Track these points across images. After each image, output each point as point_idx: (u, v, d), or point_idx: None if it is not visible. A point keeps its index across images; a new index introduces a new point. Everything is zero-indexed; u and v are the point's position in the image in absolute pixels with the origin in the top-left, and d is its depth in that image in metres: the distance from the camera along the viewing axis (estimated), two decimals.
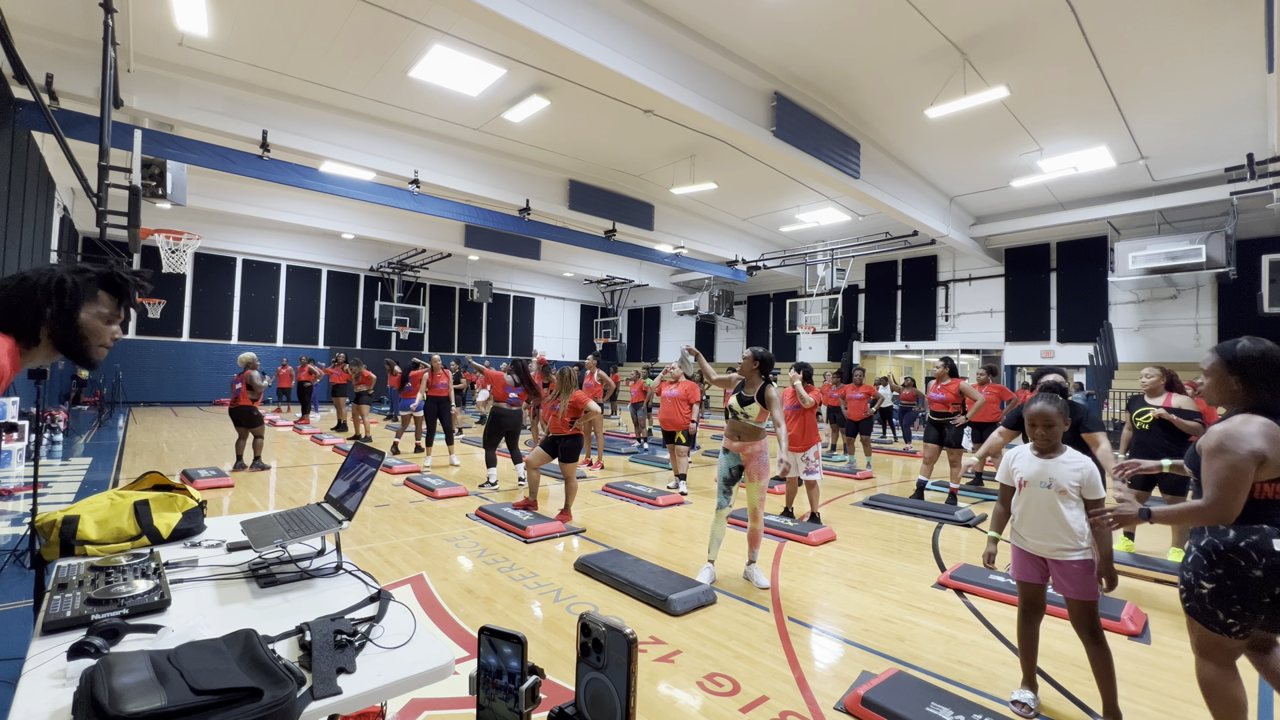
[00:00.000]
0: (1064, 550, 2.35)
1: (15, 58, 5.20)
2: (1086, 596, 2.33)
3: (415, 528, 5.16)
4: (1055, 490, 2.37)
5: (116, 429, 11.29)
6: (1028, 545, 2.46)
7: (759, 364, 4.06)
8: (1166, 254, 11.50)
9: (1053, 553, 2.38)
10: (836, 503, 6.59)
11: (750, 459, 3.96)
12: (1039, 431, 2.44)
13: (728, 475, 4.00)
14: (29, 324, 1.25)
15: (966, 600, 3.78)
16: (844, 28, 6.92)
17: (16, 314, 1.25)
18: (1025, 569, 2.49)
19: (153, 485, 1.99)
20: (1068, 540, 2.35)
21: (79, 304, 1.31)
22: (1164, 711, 2.57)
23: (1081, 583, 2.33)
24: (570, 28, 5.81)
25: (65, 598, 1.34)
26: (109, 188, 5.53)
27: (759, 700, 2.56)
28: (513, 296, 24.25)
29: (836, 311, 16.21)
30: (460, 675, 1.30)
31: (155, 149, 7.73)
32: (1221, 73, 7.49)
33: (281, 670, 1.03)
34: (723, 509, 4.05)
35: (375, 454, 1.82)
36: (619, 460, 9.36)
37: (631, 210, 13.39)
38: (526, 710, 1.02)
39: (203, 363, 17.48)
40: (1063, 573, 2.36)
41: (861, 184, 9.71)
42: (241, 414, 7.37)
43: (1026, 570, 2.48)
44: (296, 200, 13.91)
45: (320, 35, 7.39)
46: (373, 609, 1.40)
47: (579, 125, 9.91)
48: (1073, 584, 2.34)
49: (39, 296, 1.25)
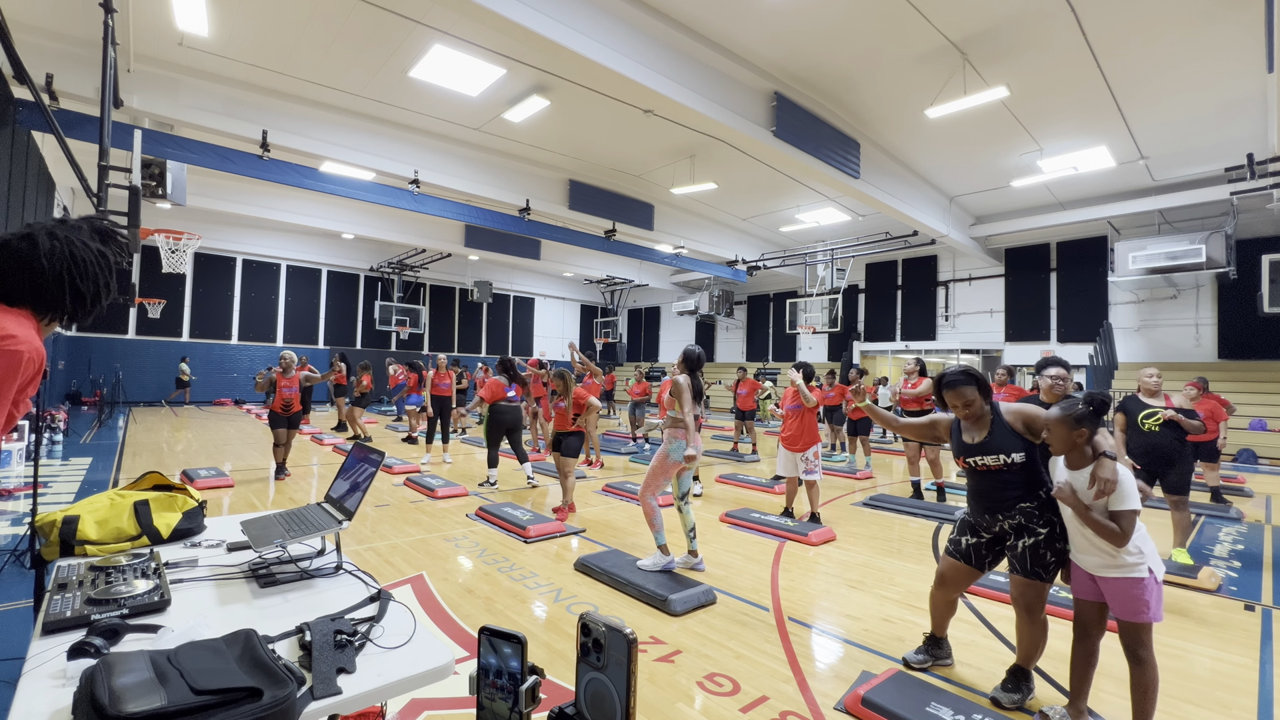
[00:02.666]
0: (1104, 566, 2.25)
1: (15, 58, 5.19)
2: (1128, 616, 2.21)
3: (415, 528, 5.16)
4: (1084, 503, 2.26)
5: (116, 429, 11.29)
6: (1076, 559, 2.37)
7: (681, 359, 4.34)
8: (1166, 254, 11.50)
9: (1095, 568, 2.29)
10: (836, 503, 6.59)
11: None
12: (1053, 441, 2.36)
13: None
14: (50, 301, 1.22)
15: (966, 600, 3.78)
16: (844, 27, 6.93)
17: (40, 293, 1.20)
18: (1078, 584, 2.38)
19: (153, 485, 1.99)
20: (1105, 556, 2.24)
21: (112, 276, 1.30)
22: (1164, 711, 2.56)
23: (1123, 600, 2.21)
24: (570, 28, 5.81)
25: (65, 598, 1.33)
26: (109, 188, 5.52)
27: (759, 700, 2.56)
28: (513, 296, 24.25)
29: (836, 311, 16.21)
30: (460, 675, 1.30)
31: (155, 149, 7.73)
32: (1221, 73, 7.49)
33: (281, 670, 1.03)
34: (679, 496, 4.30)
35: (375, 454, 1.82)
36: (619, 460, 9.36)
37: (631, 210, 13.39)
38: (526, 710, 1.02)
39: (203, 363, 17.47)
40: (1107, 589, 2.27)
41: (861, 184, 9.71)
42: (294, 417, 6.98)
43: (1079, 585, 2.38)
44: (296, 200, 13.91)
45: (320, 35, 7.39)
46: (373, 609, 1.40)
47: (579, 125, 9.91)
48: (1115, 601, 2.24)
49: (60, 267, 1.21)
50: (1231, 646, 3.22)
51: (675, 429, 4.15)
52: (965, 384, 2.53)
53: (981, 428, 2.55)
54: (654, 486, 4.15)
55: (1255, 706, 2.63)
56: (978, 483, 2.59)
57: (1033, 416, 2.47)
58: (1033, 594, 2.46)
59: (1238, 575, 4.43)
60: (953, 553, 2.73)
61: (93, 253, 1.28)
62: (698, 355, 4.30)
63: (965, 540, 2.69)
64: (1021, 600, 2.49)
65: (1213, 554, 4.96)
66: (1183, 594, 3.98)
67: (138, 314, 16.38)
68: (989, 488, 2.54)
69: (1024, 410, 2.52)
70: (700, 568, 4.25)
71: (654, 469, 4.15)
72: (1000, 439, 2.50)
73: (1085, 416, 2.24)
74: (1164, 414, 4.44)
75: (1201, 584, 4.06)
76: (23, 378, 1.11)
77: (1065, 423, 2.26)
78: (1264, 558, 4.91)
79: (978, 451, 2.54)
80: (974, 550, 2.66)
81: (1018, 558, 2.49)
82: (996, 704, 2.52)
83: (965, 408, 2.56)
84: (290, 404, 6.87)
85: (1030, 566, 2.45)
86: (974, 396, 2.53)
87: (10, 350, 1.09)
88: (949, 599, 2.81)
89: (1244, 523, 6.15)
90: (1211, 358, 13.08)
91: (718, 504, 6.32)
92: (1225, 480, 8.23)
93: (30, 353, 1.12)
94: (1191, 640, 3.28)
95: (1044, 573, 2.44)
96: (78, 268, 1.24)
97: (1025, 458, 2.46)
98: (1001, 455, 2.47)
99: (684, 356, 4.30)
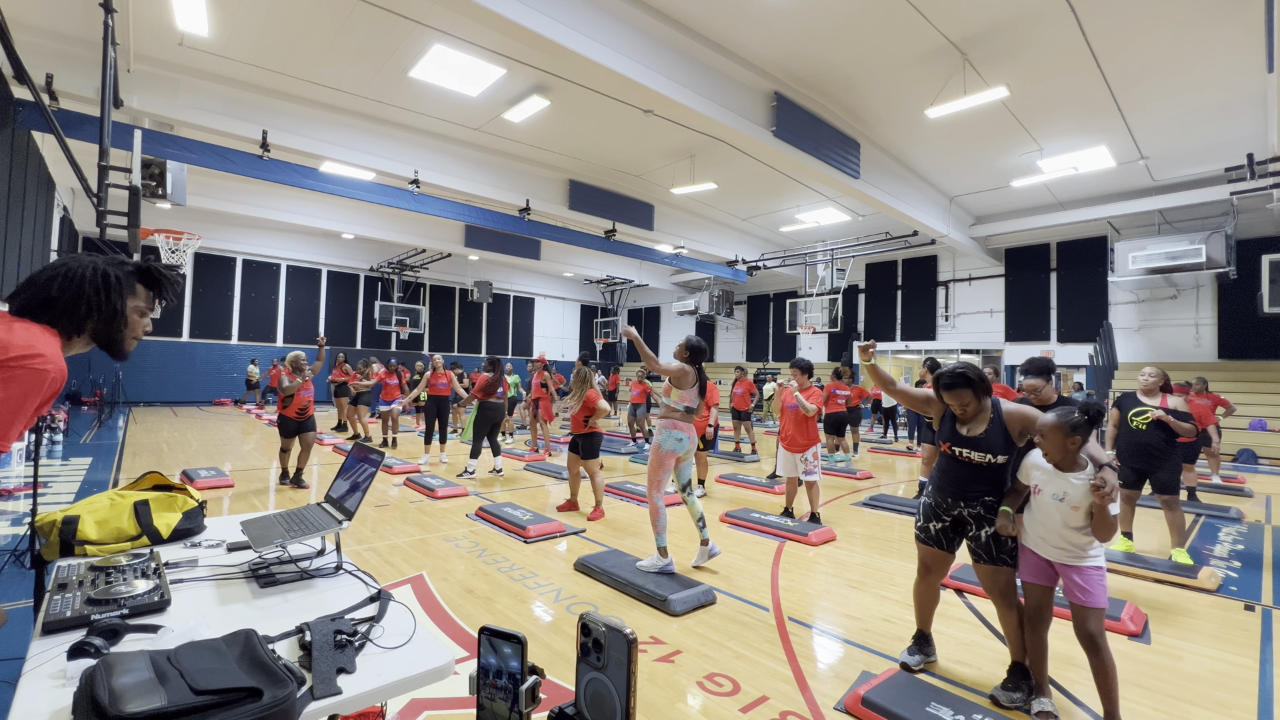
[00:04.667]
0: (1068, 555, 2.35)
1: (15, 58, 5.19)
2: (1089, 602, 2.31)
3: (415, 528, 5.16)
4: (1069, 505, 2.32)
5: (116, 429, 11.29)
6: (1038, 548, 2.44)
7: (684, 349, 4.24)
8: (1166, 254, 11.50)
9: (1057, 557, 2.37)
10: (836, 503, 6.59)
11: None
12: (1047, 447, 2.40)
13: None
14: (77, 317, 1.27)
15: (966, 600, 3.78)
16: (844, 27, 6.92)
17: (65, 306, 1.25)
18: (1033, 570, 2.47)
19: (153, 485, 1.99)
20: (1077, 550, 2.33)
21: (124, 297, 1.33)
22: (1164, 711, 2.57)
23: (1084, 587, 2.32)
24: (570, 28, 5.81)
25: (65, 598, 1.34)
26: (109, 188, 5.53)
27: (759, 700, 2.56)
28: (513, 296, 24.25)
29: (836, 311, 16.22)
30: (460, 675, 1.30)
31: (155, 149, 7.73)
32: (1221, 73, 7.49)
33: (281, 670, 1.03)
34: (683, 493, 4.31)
35: (375, 454, 1.82)
36: (619, 460, 9.36)
37: (631, 210, 13.39)
38: (526, 710, 1.02)
39: (203, 363, 17.49)
40: (1067, 576, 2.36)
41: (861, 184, 9.71)
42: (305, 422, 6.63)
43: (1034, 572, 2.47)
44: (296, 200, 13.91)
45: (320, 35, 7.39)
46: (373, 609, 1.40)
47: (579, 125, 9.91)
48: (1076, 589, 2.33)
49: (88, 290, 1.27)
50: (1231, 646, 3.21)
51: (666, 417, 4.15)
52: (962, 387, 2.55)
53: (980, 423, 2.58)
54: (657, 482, 4.12)
55: (1255, 706, 2.63)
56: (953, 469, 2.64)
57: (1031, 421, 2.48)
58: (1003, 580, 2.57)
59: (1238, 575, 4.43)
60: (925, 540, 2.80)
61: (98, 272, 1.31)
62: (700, 345, 4.23)
63: (933, 526, 2.77)
64: (995, 587, 2.59)
65: (1213, 554, 4.96)
66: (1183, 594, 3.98)
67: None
68: (962, 476, 2.61)
69: (1025, 414, 2.52)
70: (715, 552, 4.29)
71: (651, 464, 4.14)
72: (993, 438, 2.53)
73: (1081, 425, 2.31)
74: (1152, 414, 4.45)
75: (1201, 584, 4.06)
76: (44, 395, 1.15)
77: (1062, 430, 2.32)
78: (1264, 558, 4.91)
79: (968, 445, 2.57)
80: (942, 535, 2.75)
81: (981, 547, 2.60)
82: (996, 703, 2.53)
83: (962, 409, 2.58)
84: (306, 408, 6.62)
85: (996, 554, 2.57)
86: (969, 399, 2.55)
87: (38, 369, 1.13)
88: (933, 587, 2.89)
89: (1244, 523, 6.15)
90: (1211, 358, 13.09)
91: (718, 503, 6.32)
92: (1225, 480, 8.24)
93: (56, 373, 1.16)
94: (1191, 640, 3.28)
95: (1009, 558, 2.56)
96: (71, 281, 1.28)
97: (1006, 459, 2.53)
98: (989, 455, 2.53)
99: (686, 343, 4.22)
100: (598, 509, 5.64)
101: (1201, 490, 7.68)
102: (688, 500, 4.25)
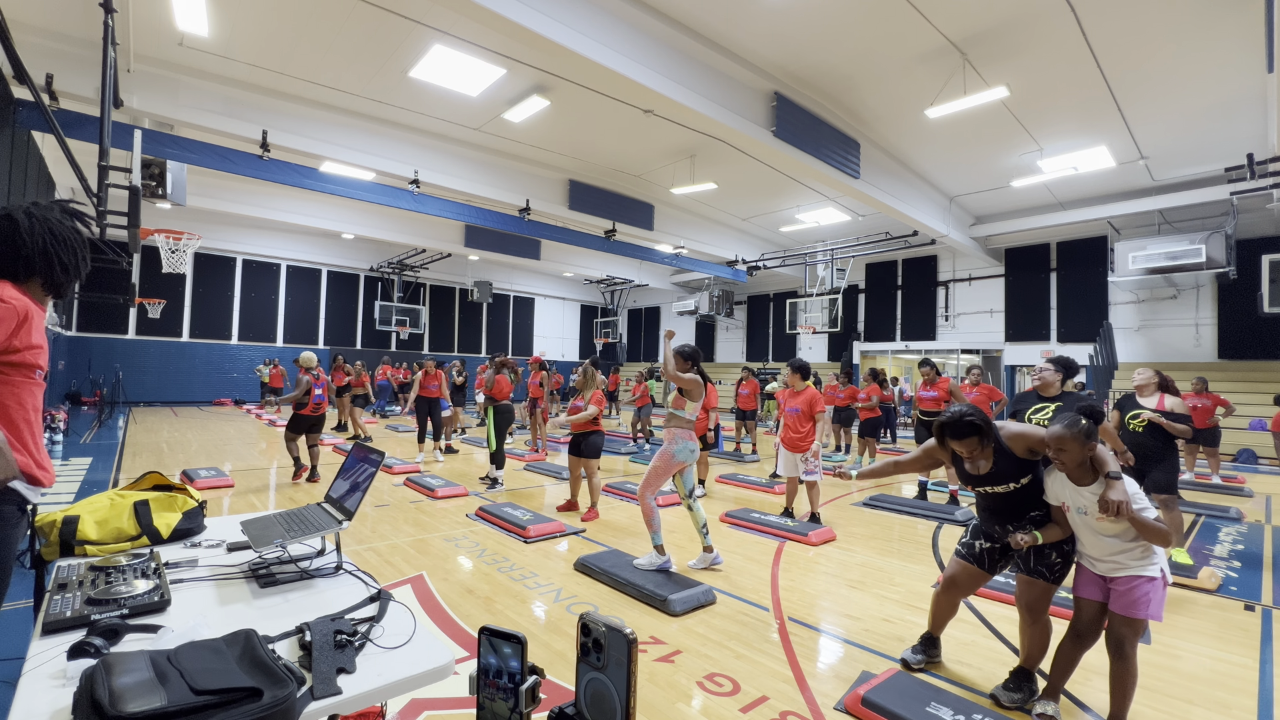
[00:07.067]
0: (1119, 568, 2.28)
1: (15, 58, 5.20)
2: (1129, 611, 2.24)
3: (415, 528, 5.16)
4: (1093, 517, 2.28)
5: (116, 429, 11.29)
6: (1091, 565, 2.38)
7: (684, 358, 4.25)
8: (1166, 254, 11.49)
9: (1109, 571, 2.31)
10: (836, 503, 6.59)
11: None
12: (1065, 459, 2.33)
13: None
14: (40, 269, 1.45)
15: (967, 601, 3.77)
16: (844, 27, 6.93)
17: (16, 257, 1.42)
18: (1086, 586, 2.39)
19: (153, 485, 1.99)
20: (1124, 561, 2.27)
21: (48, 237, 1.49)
22: (1164, 711, 2.57)
23: (1130, 596, 2.25)
24: (570, 28, 5.81)
25: (65, 598, 1.34)
26: (109, 188, 5.53)
27: (759, 700, 2.56)
28: (513, 296, 24.25)
29: (836, 311, 16.22)
30: (460, 675, 1.30)
31: (155, 149, 7.74)
32: (1222, 72, 7.49)
33: (281, 670, 1.03)
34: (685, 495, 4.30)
35: (375, 454, 1.82)
36: (619, 460, 9.36)
37: (631, 210, 13.39)
38: (526, 710, 1.02)
39: (203, 363, 17.49)
40: (1116, 587, 2.30)
41: (861, 184, 9.71)
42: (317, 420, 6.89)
43: (1088, 588, 2.39)
44: (296, 200, 13.91)
45: (320, 35, 7.39)
46: (373, 609, 1.40)
47: (579, 125, 9.91)
48: (1120, 598, 2.27)
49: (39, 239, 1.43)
50: (1231, 646, 3.21)
51: (679, 428, 4.15)
52: (969, 435, 2.45)
53: (984, 459, 2.52)
54: (653, 485, 4.15)
55: (1255, 706, 2.63)
56: (987, 502, 2.61)
57: (1034, 439, 2.44)
58: (1035, 593, 2.48)
59: (1238, 575, 4.43)
60: (965, 555, 2.73)
61: (68, 228, 1.51)
62: (696, 352, 4.28)
63: (979, 544, 2.70)
64: (1024, 599, 2.51)
65: (1213, 554, 4.96)
66: (1183, 594, 3.98)
67: (137, 314, 16.38)
68: (999, 506, 2.57)
69: (1026, 434, 2.47)
70: (719, 562, 4.26)
71: (656, 468, 4.14)
72: (1004, 468, 2.48)
73: (1093, 430, 2.27)
74: (1146, 415, 4.44)
75: (1201, 584, 4.06)
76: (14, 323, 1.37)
77: (1078, 439, 2.25)
78: (1264, 558, 4.91)
79: (985, 482, 2.54)
80: (987, 554, 2.68)
81: (1021, 556, 2.53)
82: (997, 703, 2.52)
83: (968, 455, 2.51)
84: (320, 406, 6.85)
85: (1033, 565, 2.48)
86: (976, 446, 2.46)
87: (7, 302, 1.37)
88: (954, 602, 2.83)
89: (1244, 523, 6.15)
90: (1211, 358, 13.08)
91: (718, 504, 6.32)
92: (1225, 480, 8.24)
93: (15, 303, 1.37)
94: (1191, 640, 3.28)
95: (1047, 572, 2.45)
96: (57, 241, 1.47)
97: (1030, 478, 2.48)
98: (1009, 483, 2.49)
99: (683, 354, 4.22)
100: (592, 509, 5.63)
101: (1202, 490, 7.68)
102: (692, 508, 4.22)
